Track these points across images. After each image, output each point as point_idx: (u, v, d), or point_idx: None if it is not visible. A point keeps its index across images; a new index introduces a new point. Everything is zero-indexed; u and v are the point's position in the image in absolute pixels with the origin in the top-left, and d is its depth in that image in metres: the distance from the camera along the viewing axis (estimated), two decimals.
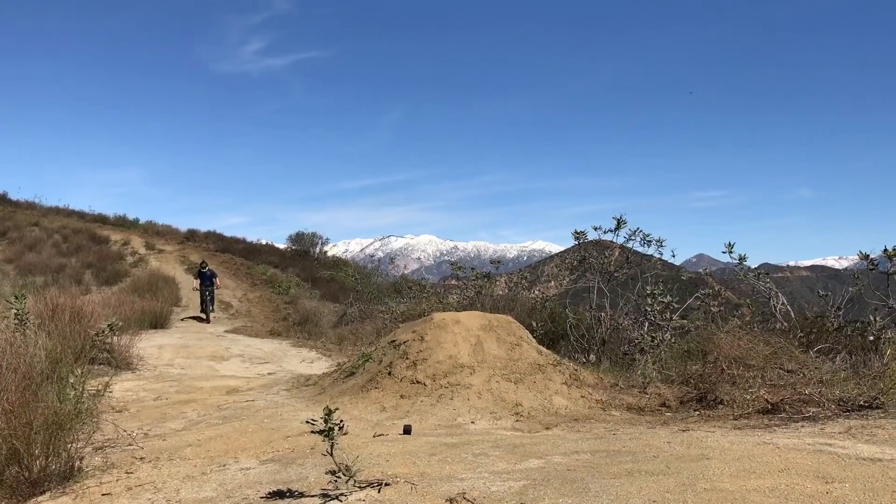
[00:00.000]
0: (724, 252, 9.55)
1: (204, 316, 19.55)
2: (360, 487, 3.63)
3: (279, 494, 3.73)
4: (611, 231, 10.57)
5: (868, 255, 8.52)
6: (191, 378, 9.06)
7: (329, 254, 37.51)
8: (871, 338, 7.49)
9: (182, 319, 18.62)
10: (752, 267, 10.03)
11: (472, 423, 5.83)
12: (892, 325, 7.97)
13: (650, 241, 10.42)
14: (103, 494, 4.03)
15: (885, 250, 8.47)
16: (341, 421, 3.68)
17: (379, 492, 3.58)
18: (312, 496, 3.62)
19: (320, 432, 3.58)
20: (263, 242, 36.15)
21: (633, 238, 10.56)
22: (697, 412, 5.85)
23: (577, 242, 11.31)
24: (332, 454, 3.60)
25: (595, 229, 10.74)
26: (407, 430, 5.37)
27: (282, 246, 35.30)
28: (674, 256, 10.89)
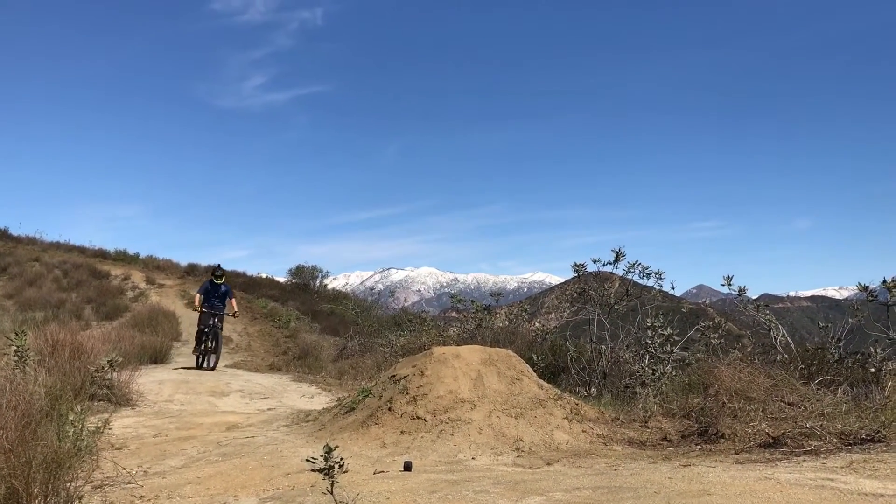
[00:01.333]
0: (722, 284, 9.58)
1: (199, 361, 14.63)
2: None
3: None
4: (610, 264, 10.63)
5: (867, 287, 8.54)
6: (190, 414, 9.02)
7: (329, 287, 37.56)
8: (873, 370, 7.47)
9: (175, 369, 16.91)
10: (753, 298, 10.05)
11: (473, 458, 5.80)
12: (894, 357, 7.95)
13: (649, 274, 10.48)
14: None
15: (885, 281, 8.49)
16: (341, 459, 3.67)
17: None
18: None
19: (320, 471, 3.58)
20: (264, 276, 36.22)
21: (632, 271, 10.61)
22: (699, 446, 5.82)
23: (576, 275, 11.34)
24: (332, 492, 3.59)
25: (594, 262, 10.80)
26: (407, 467, 5.34)
27: (282, 279, 35.36)
28: (673, 288, 10.93)
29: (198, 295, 14.97)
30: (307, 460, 3.72)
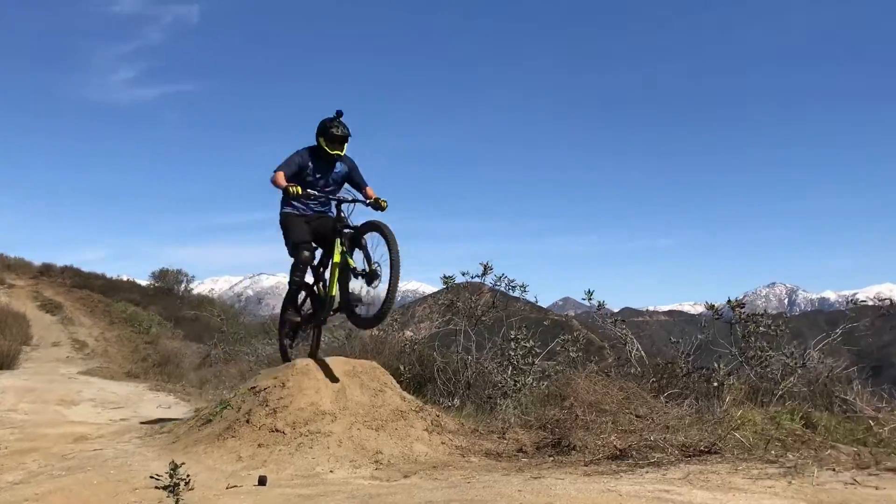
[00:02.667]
0: (583, 298, 9.96)
1: (287, 348, 7.96)
2: None
3: None
4: (478, 276, 10.84)
5: (713, 305, 9.14)
6: (35, 424, 8.51)
7: (195, 292, 36.54)
8: (716, 384, 7.95)
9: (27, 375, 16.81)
10: (615, 311, 10.47)
11: (331, 472, 5.75)
12: (735, 372, 8.51)
13: (514, 286, 10.77)
14: None
15: (729, 301, 9.11)
16: (188, 475, 3.57)
17: None
18: None
19: (164, 488, 3.47)
20: (125, 279, 34.82)
21: (499, 283, 10.87)
22: (552, 458, 6.00)
23: (445, 287, 11.50)
24: None
25: (463, 274, 11.00)
26: (262, 481, 5.24)
27: (144, 283, 34.10)
28: (536, 301, 11.27)
29: (278, 173, 7.07)
30: (152, 477, 3.60)
